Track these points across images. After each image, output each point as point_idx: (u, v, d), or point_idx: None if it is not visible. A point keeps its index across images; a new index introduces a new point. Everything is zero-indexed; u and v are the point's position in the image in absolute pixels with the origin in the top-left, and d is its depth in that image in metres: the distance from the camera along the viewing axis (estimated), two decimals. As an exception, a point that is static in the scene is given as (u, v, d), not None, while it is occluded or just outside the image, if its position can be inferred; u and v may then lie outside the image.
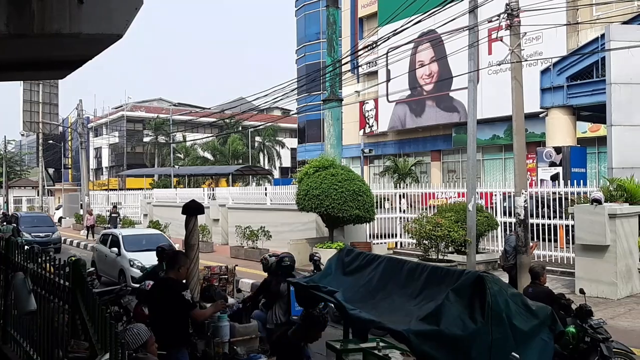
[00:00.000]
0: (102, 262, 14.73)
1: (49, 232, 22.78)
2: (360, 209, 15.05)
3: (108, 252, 14.21)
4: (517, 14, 10.81)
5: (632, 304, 10.63)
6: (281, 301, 6.77)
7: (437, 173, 36.02)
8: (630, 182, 11.98)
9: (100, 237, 16.08)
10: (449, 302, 3.22)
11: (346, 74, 30.52)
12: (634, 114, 13.17)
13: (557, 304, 7.30)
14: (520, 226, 11.24)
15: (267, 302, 7.01)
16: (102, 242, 15.12)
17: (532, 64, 25.20)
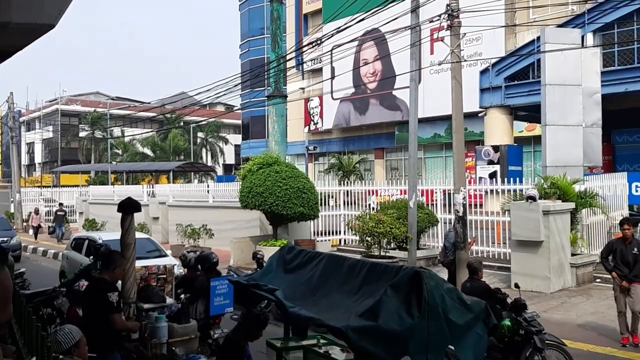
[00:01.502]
0: None
1: (5, 237, 18.84)
2: (305, 207, 15.04)
3: (85, 261, 11.65)
4: (457, 15, 11.05)
5: (564, 297, 11.08)
6: (204, 298, 6.79)
7: (380, 171, 36.52)
8: (562, 180, 12.46)
9: (71, 243, 13.96)
10: (387, 298, 3.23)
11: (291, 71, 30.44)
12: (567, 114, 13.70)
13: (494, 298, 7.51)
14: (459, 223, 11.51)
15: (191, 297, 7.00)
16: (75, 249, 13.00)
17: (472, 64, 25.93)
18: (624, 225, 8.59)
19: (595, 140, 14.14)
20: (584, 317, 9.69)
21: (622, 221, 8.85)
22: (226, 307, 6.40)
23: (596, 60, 15.11)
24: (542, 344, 6.85)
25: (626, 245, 8.49)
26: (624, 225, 8.61)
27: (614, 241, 8.89)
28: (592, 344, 8.29)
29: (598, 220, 13.38)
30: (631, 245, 8.45)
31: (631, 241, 8.49)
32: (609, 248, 8.76)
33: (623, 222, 8.75)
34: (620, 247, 8.54)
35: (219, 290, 6.28)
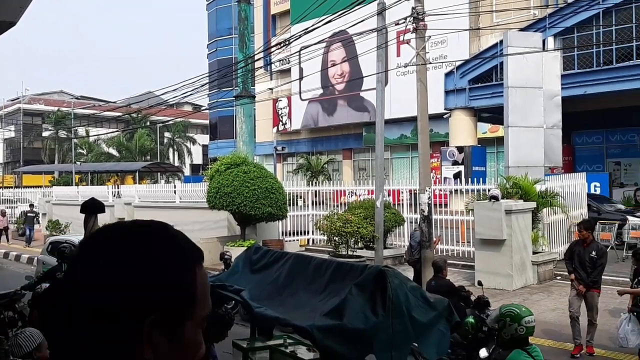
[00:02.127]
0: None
1: None
2: (273, 207, 15.04)
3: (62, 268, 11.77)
4: (422, 18, 11.23)
5: (526, 294, 11.37)
6: None
7: (348, 171, 36.71)
8: (524, 180, 12.78)
9: (47, 247, 13.38)
10: (352, 297, 3.29)
11: (259, 71, 30.35)
12: (529, 116, 14.05)
13: (458, 295, 7.68)
14: (425, 222, 11.69)
15: None
16: (52, 253, 12.31)
17: (438, 66, 26.32)
18: (581, 230, 8.36)
19: (555, 142, 14.54)
20: (544, 314, 9.96)
21: (579, 224, 8.65)
22: None
23: (557, 64, 15.54)
24: (504, 340, 7.03)
25: (584, 247, 8.15)
26: (581, 229, 8.37)
27: (574, 243, 8.69)
28: (552, 339, 8.52)
29: (558, 219, 13.77)
30: (589, 248, 8.12)
31: (589, 244, 8.18)
32: (570, 250, 8.49)
33: (580, 224, 8.56)
34: (579, 249, 8.22)
35: None
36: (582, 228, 8.36)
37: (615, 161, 25.91)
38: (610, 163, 25.94)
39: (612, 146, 25.99)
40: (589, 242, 8.22)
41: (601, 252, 8.17)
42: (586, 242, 8.20)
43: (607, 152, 26.16)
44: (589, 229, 8.39)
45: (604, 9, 19.68)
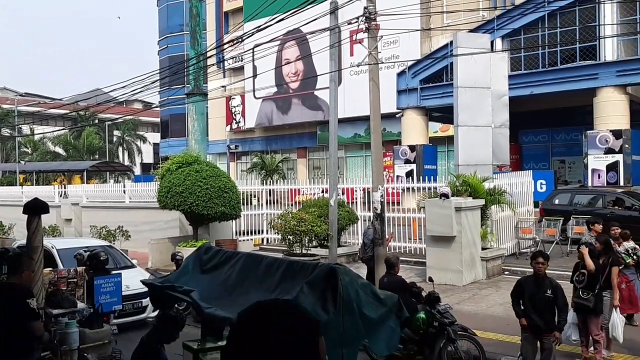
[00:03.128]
0: None
1: None
2: (226, 206, 14.88)
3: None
4: (374, 18, 11.32)
5: (476, 290, 11.64)
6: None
7: (303, 170, 36.72)
8: (473, 178, 13.07)
9: None
10: (303, 295, 3.28)
11: (211, 68, 29.95)
12: (478, 115, 14.37)
13: (409, 292, 7.80)
14: (377, 219, 11.80)
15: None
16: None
17: (390, 66, 26.66)
18: (537, 259, 6.59)
19: (503, 140, 14.94)
20: (493, 308, 10.23)
21: (535, 254, 6.82)
22: (113, 305, 6.39)
23: (504, 64, 15.97)
24: (454, 335, 7.18)
25: (537, 285, 6.57)
26: (537, 258, 6.61)
27: (523, 280, 6.91)
28: (501, 333, 8.74)
29: (506, 216, 14.15)
30: (543, 287, 6.52)
31: (543, 280, 6.57)
32: (519, 288, 6.83)
33: (537, 255, 6.73)
34: (530, 288, 6.63)
35: (104, 289, 6.24)
36: (540, 256, 6.65)
37: (560, 159, 26.90)
38: (556, 161, 26.91)
39: (557, 145, 26.97)
40: (543, 279, 6.62)
41: (557, 289, 6.56)
42: (539, 278, 6.62)
43: (552, 150, 27.13)
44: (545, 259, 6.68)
45: (549, 12, 20.38)
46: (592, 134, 19.48)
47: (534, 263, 6.62)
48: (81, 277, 6.51)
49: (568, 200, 16.40)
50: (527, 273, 12.87)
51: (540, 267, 6.55)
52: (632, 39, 19.80)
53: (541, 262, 6.55)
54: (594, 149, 19.33)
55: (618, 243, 8.81)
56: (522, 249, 14.57)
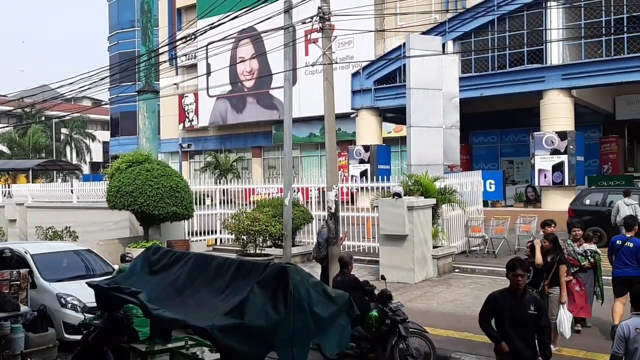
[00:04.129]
0: None
1: None
2: (178, 206, 14.64)
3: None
4: (328, 18, 11.37)
5: (427, 287, 11.85)
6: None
7: (258, 169, 36.52)
8: (425, 177, 13.30)
9: None
10: (253, 295, 3.26)
11: (164, 65, 29.40)
12: (430, 116, 14.61)
13: (362, 290, 7.86)
14: (332, 219, 11.85)
15: None
16: None
17: (345, 66, 26.82)
18: (515, 271, 5.27)
19: (454, 141, 15.24)
20: (443, 305, 10.43)
21: (512, 264, 5.36)
22: None
23: (455, 67, 16.30)
24: (406, 332, 7.28)
25: (517, 302, 5.30)
26: (516, 270, 5.27)
27: (498, 295, 5.47)
28: (451, 329, 8.91)
29: (456, 215, 14.47)
30: (525, 304, 5.29)
31: (524, 296, 5.34)
32: (491, 306, 5.46)
33: (514, 265, 5.33)
34: (510, 304, 5.33)
35: None
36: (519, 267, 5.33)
37: (508, 160, 27.71)
38: (504, 161, 27.71)
39: (506, 145, 27.77)
40: (523, 293, 5.37)
41: (541, 305, 5.47)
42: (519, 292, 5.33)
43: (501, 151, 27.92)
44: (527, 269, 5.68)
45: (499, 16, 20.93)
46: (539, 135, 20.13)
47: (512, 276, 5.28)
48: (24, 279, 6.27)
49: (600, 200, 15.69)
50: (477, 270, 13.38)
51: (519, 280, 5.25)
52: (576, 44, 20.57)
53: (520, 274, 5.24)
54: (541, 149, 19.99)
55: (579, 244, 8.80)
56: (471, 247, 14.94)
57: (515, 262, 5.35)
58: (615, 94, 23.38)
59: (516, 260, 5.39)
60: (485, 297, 5.62)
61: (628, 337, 4.67)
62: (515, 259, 5.48)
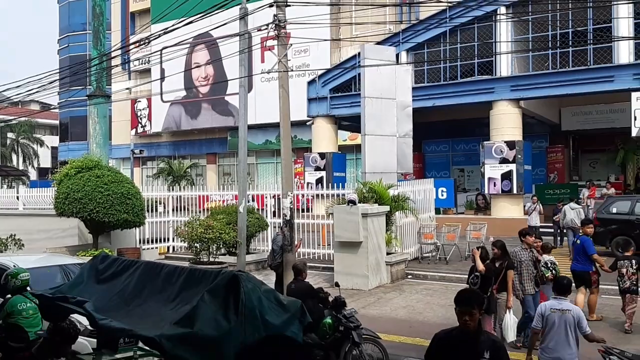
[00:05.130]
0: None
1: None
2: (129, 213, 14.32)
3: None
4: (284, 26, 11.40)
5: (380, 294, 11.98)
6: None
7: (213, 176, 36.12)
8: (379, 185, 13.49)
9: None
10: (204, 304, 3.23)
11: (116, 69, 28.77)
12: (384, 125, 14.83)
13: (316, 297, 7.87)
14: (287, 226, 11.84)
15: None
16: None
17: (301, 74, 26.93)
18: (461, 306, 3.90)
19: (407, 150, 15.52)
20: (396, 311, 10.57)
21: (457, 297, 3.99)
22: None
23: (408, 77, 16.61)
24: (359, 339, 7.32)
25: (468, 344, 3.91)
26: (461, 305, 3.90)
27: (443, 336, 4.10)
28: (403, 335, 9.03)
29: (409, 222, 14.70)
30: (479, 346, 3.87)
31: (476, 337, 3.92)
32: (435, 349, 4.13)
33: (460, 298, 3.96)
34: (459, 347, 3.94)
35: None
36: (464, 303, 3.93)
37: (459, 168, 28.35)
38: (455, 170, 28.33)
39: (457, 154, 28.42)
40: (473, 334, 3.93)
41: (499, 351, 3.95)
42: (470, 334, 3.92)
43: (452, 159, 28.55)
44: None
45: (451, 28, 21.45)
46: (489, 145, 20.70)
47: (458, 311, 3.89)
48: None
49: (628, 209, 14.98)
50: (429, 277, 13.63)
51: (466, 321, 3.83)
52: (525, 56, 21.28)
53: (465, 312, 3.83)
54: (490, 158, 20.54)
55: (539, 255, 8.87)
56: (424, 254, 15.20)
57: (461, 296, 3.97)
58: (561, 105, 24.32)
59: (464, 293, 4.04)
60: (436, 303, 5.75)
61: (544, 314, 5.80)
62: (465, 291, 4.17)
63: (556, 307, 5.82)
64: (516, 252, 8.58)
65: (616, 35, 18.37)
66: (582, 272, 9.44)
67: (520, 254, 8.51)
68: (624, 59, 18.44)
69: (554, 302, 5.92)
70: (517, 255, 8.50)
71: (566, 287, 6.09)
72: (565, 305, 5.84)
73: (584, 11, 19.65)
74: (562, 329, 5.67)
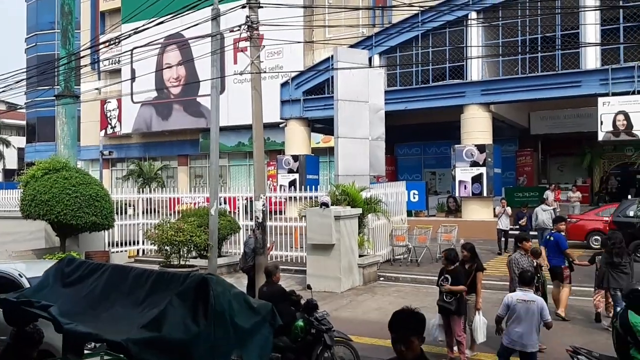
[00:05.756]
0: None
1: None
2: (98, 216, 14.03)
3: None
4: (256, 28, 11.35)
5: (353, 296, 11.99)
6: None
7: (184, 178, 35.77)
8: (352, 187, 13.52)
9: None
10: (172, 307, 3.17)
11: (85, 69, 28.27)
12: (356, 128, 14.89)
13: (289, 300, 7.83)
14: (259, 229, 11.78)
15: None
16: None
17: (275, 76, 26.89)
18: (393, 332, 3.16)
19: (379, 152, 15.60)
20: (368, 313, 10.59)
21: (390, 320, 3.22)
22: None
23: (381, 80, 16.72)
24: (331, 341, 7.31)
25: None
26: (393, 330, 3.16)
27: None
28: (375, 337, 9.04)
29: (381, 224, 14.78)
30: None
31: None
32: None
33: (391, 322, 3.20)
34: None
35: None
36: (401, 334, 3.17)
37: (431, 171, 28.66)
38: (427, 173, 28.64)
39: (429, 157, 28.73)
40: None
41: None
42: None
43: (424, 162, 28.85)
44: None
45: (423, 32, 21.68)
46: (459, 148, 20.96)
47: (392, 339, 3.19)
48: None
49: None
50: (401, 279, 13.70)
51: (403, 352, 3.12)
52: (495, 61, 21.64)
53: (404, 344, 3.11)
54: (461, 161, 20.81)
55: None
56: (396, 256, 15.29)
57: (395, 319, 3.21)
58: (530, 109, 24.80)
59: (399, 315, 3.21)
60: (408, 305, 5.57)
61: (510, 304, 6.44)
62: (400, 313, 3.24)
63: (522, 298, 6.40)
64: (516, 259, 8.43)
65: (583, 42, 18.82)
66: (555, 267, 9.88)
67: (520, 261, 8.33)
68: (591, 64, 18.90)
69: (520, 294, 6.50)
70: (517, 262, 8.33)
71: (530, 279, 6.64)
72: (530, 296, 6.44)
73: (553, 17, 20.08)
74: (527, 318, 6.29)
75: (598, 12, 18.64)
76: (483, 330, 7.93)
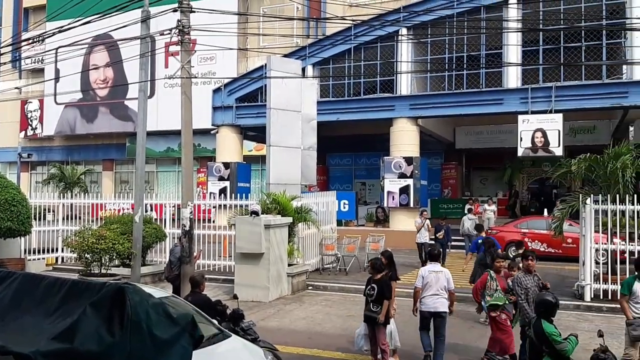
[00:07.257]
0: None
1: None
2: (13, 221, 13.29)
3: None
4: (188, 32, 11.17)
5: (281, 305, 11.95)
6: None
7: (109, 183, 34.50)
8: (283, 196, 13.52)
9: None
10: (85, 317, 3.04)
11: (5, 67, 26.76)
12: (288, 137, 14.91)
13: (214, 310, 7.70)
14: (185, 237, 11.53)
15: None
16: None
17: (207, 82, 26.50)
18: None
19: (311, 162, 15.69)
20: (296, 323, 10.58)
21: None
22: None
23: (313, 90, 16.86)
24: (256, 351, 7.25)
25: None
26: None
27: None
28: (302, 346, 9.05)
29: (311, 233, 14.84)
30: None
31: None
32: None
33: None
34: None
35: None
36: None
37: (361, 181, 29.13)
38: (358, 183, 29.08)
39: (359, 168, 29.19)
40: None
41: None
42: None
43: (355, 173, 29.28)
44: None
45: (356, 45, 22.07)
46: (388, 160, 21.43)
47: None
48: None
49: None
50: (329, 287, 13.78)
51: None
52: (423, 77, 22.35)
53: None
54: (390, 173, 21.28)
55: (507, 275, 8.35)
56: (325, 265, 15.39)
57: None
58: (455, 124, 25.78)
59: None
60: (335, 314, 5.65)
61: (424, 276, 7.97)
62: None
63: (432, 270, 7.99)
64: (520, 279, 7.60)
65: (506, 61, 19.79)
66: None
67: (525, 282, 7.54)
68: (512, 83, 19.90)
69: (430, 266, 8.08)
70: (521, 283, 7.52)
71: (437, 255, 8.30)
72: (437, 268, 8.07)
73: (478, 37, 21.00)
74: (437, 285, 7.84)
75: (520, 34, 19.68)
76: (395, 335, 8.17)
